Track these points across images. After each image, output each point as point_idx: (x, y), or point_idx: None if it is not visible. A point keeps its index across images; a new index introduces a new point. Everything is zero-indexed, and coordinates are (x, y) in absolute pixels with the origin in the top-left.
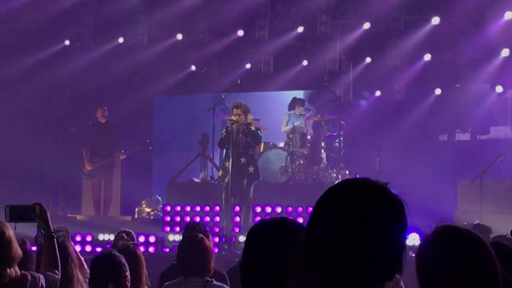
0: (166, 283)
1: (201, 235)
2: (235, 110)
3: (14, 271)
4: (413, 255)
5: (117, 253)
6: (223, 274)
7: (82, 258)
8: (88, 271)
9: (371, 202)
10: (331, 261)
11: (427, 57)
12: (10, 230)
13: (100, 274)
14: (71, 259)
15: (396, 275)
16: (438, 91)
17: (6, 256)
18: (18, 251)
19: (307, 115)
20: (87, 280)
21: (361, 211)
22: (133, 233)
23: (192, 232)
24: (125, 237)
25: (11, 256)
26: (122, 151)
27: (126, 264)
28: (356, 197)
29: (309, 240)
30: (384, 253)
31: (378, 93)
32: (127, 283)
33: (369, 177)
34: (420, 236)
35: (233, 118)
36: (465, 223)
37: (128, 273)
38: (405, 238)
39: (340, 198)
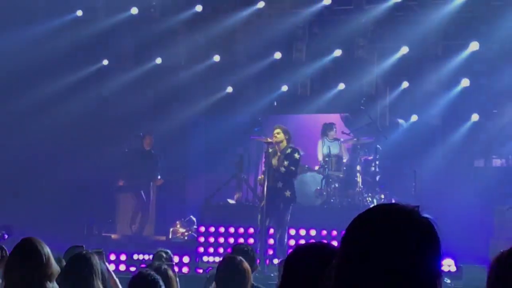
0: None
1: (240, 257)
2: (274, 131)
3: (53, 286)
4: (449, 281)
5: (155, 274)
6: None
7: (117, 280)
8: None
9: (402, 228)
10: None
11: (465, 82)
12: (47, 248)
13: None
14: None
15: None
16: (475, 117)
17: (45, 272)
18: (56, 267)
19: (342, 139)
20: None
21: (391, 237)
22: (170, 253)
23: (240, 252)
24: (164, 255)
25: (49, 272)
26: (159, 177)
27: (163, 286)
28: (386, 223)
29: (339, 268)
30: (417, 279)
31: (414, 117)
32: None
33: (399, 202)
34: (455, 262)
35: (269, 139)
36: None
37: None
38: (440, 262)
39: (369, 225)
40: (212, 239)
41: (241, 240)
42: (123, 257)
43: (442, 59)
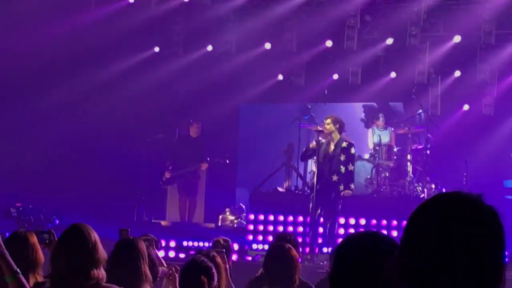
0: None
1: (289, 245)
2: (325, 120)
3: (101, 273)
4: None
5: (208, 261)
6: (311, 286)
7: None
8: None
9: (466, 215)
10: (427, 282)
11: None
12: (95, 233)
13: (190, 280)
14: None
15: None
16: None
17: (91, 258)
18: (103, 253)
19: (392, 128)
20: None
21: (455, 224)
22: (229, 242)
23: (283, 241)
24: (222, 242)
25: (96, 258)
26: (208, 158)
27: (216, 274)
28: (450, 211)
29: (403, 260)
30: (485, 271)
31: (466, 107)
32: None
33: (461, 190)
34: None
35: (319, 128)
36: None
37: (216, 282)
38: (504, 251)
39: (435, 214)
40: (261, 227)
41: (290, 228)
42: (172, 244)
43: (496, 48)
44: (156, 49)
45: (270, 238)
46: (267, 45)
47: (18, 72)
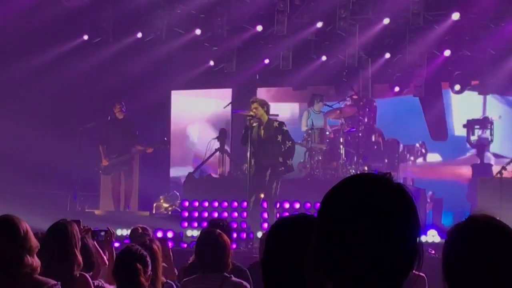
0: (184, 279)
1: (219, 230)
2: (252, 105)
3: (35, 261)
4: (433, 251)
5: (142, 249)
6: (245, 270)
7: (104, 256)
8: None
9: (371, 193)
10: (340, 267)
11: (447, 53)
12: (25, 223)
13: (125, 268)
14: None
15: (412, 272)
16: (457, 87)
17: (24, 245)
18: (35, 241)
19: (325, 112)
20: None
21: (361, 204)
22: (149, 229)
23: (215, 227)
24: (141, 232)
25: (28, 246)
26: (140, 147)
27: (149, 261)
28: (356, 191)
29: (317, 247)
30: (394, 249)
31: (397, 89)
32: (148, 278)
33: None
34: (438, 232)
35: (251, 113)
36: None
37: (150, 269)
38: (418, 229)
39: (339, 195)
40: (196, 214)
41: (226, 214)
42: None
43: (424, 30)
44: (85, 37)
45: (205, 224)
46: (197, 31)
47: None
